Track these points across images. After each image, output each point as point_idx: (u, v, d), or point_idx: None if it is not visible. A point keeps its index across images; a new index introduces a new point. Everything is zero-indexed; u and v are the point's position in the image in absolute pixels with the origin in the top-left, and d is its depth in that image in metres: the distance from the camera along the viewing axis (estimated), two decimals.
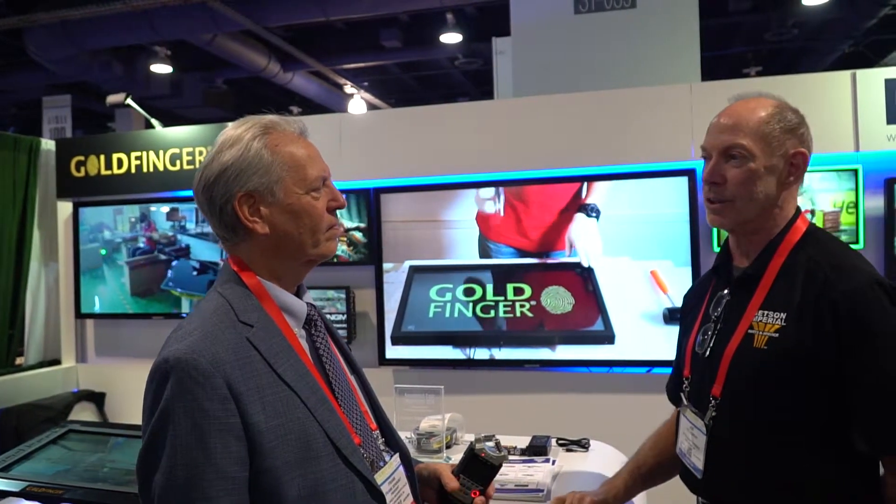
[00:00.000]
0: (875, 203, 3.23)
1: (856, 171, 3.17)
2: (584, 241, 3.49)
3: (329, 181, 1.31)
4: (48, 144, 4.44)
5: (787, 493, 1.38)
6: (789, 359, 1.36)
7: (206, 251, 4.14)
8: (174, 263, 4.17)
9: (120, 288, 4.25)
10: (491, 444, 1.44)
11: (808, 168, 1.50)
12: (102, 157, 4.23)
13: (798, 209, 1.51)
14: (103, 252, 4.27)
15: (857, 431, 1.34)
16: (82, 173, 4.27)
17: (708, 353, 1.51)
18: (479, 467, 1.43)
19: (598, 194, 3.48)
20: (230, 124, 1.29)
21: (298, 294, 1.31)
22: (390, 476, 1.30)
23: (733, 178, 1.45)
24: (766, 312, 1.42)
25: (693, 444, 1.52)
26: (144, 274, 4.23)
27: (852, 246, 3.09)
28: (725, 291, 1.54)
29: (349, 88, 10.08)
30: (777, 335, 1.38)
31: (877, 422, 1.32)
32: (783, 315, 1.39)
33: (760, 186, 1.43)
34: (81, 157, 4.27)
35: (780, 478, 1.39)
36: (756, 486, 1.41)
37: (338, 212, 1.32)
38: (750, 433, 1.42)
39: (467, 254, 3.66)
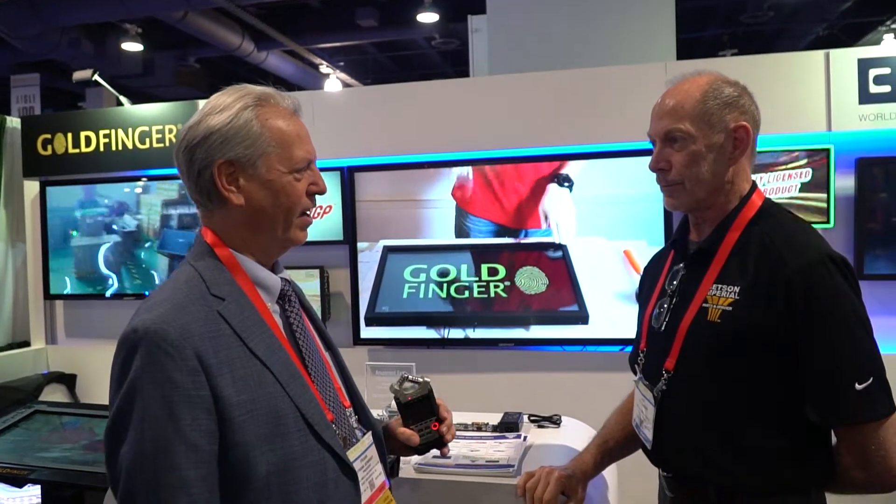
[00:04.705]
0: (846, 183, 3.25)
1: (828, 151, 3.19)
2: (557, 213, 3.48)
3: (314, 165, 1.28)
4: (13, 122, 4.33)
5: (741, 464, 1.40)
6: (742, 332, 1.37)
7: None
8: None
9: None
10: (407, 384, 1.47)
11: (780, 147, 1.51)
12: (70, 136, 4.14)
13: (754, 184, 1.52)
14: (75, 233, 4.20)
15: (810, 403, 1.36)
16: (49, 151, 4.17)
17: (663, 327, 1.52)
18: (416, 407, 1.46)
19: (572, 173, 3.47)
20: (224, 89, 1.26)
21: (274, 270, 1.29)
22: (363, 454, 1.29)
23: (677, 162, 1.45)
24: (720, 286, 1.43)
25: (645, 416, 1.54)
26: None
27: (822, 225, 3.15)
28: (681, 265, 1.55)
29: (325, 68, 9.99)
30: (730, 308, 1.39)
31: (828, 395, 1.34)
32: (737, 289, 1.40)
33: (705, 166, 1.44)
34: (48, 135, 4.17)
35: (734, 448, 1.40)
36: (709, 456, 1.43)
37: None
38: (703, 405, 1.44)
39: (443, 233, 3.64)
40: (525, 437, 1.99)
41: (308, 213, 1.28)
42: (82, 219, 4.18)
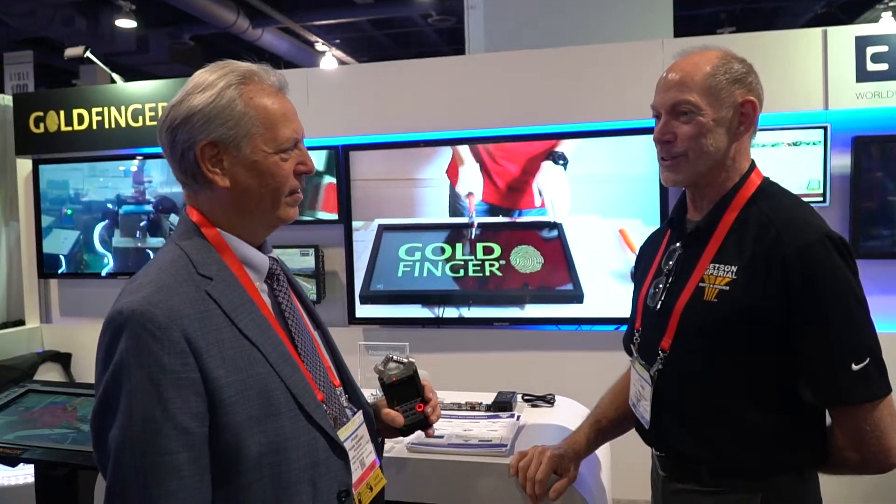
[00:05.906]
0: (842, 161, 3.24)
1: (824, 129, 3.17)
2: (552, 191, 3.47)
3: (301, 143, 1.25)
4: (5, 100, 4.30)
5: (735, 443, 1.40)
6: (738, 311, 1.36)
7: None
8: None
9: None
10: (392, 364, 1.46)
11: (778, 126, 1.49)
12: (62, 113, 4.11)
13: (753, 163, 1.51)
14: (69, 212, 4.18)
15: (805, 383, 1.36)
16: (41, 129, 4.15)
17: (659, 306, 1.51)
18: (401, 388, 1.44)
19: (567, 152, 3.46)
20: (207, 66, 1.22)
21: (262, 248, 1.27)
22: (353, 433, 1.29)
23: (683, 133, 1.43)
24: (717, 266, 1.42)
25: (641, 395, 1.54)
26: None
27: (818, 204, 3.14)
28: (678, 244, 1.54)
29: (320, 46, 9.89)
30: (727, 288, 1.38)
31: (824, 376, 1.34)
32: (734, 268, 1.39)
33: (710, 139, 1.43)
34: (40, 113, 4.14)
35: (729, 428, 1.40)
36: (704, 436, 1.43)
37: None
38: (699, 385, 1.43)
39: (438, 212, 3.63)
40: (518, 417, 1.99)
41: (297, 191, 1.26)
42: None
